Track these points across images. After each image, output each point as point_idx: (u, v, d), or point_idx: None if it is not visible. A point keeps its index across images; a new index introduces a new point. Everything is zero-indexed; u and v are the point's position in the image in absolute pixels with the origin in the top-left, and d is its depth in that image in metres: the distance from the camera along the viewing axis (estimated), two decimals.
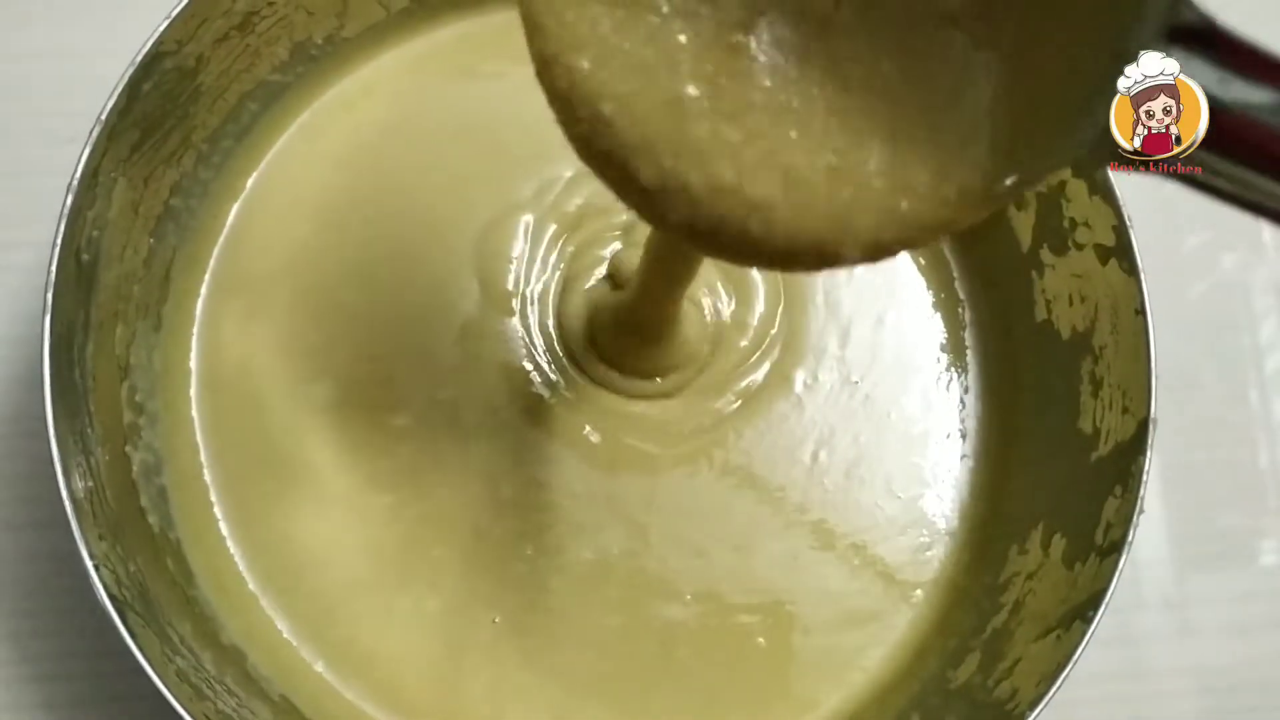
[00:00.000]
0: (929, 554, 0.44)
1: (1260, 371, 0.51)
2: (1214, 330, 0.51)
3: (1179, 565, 0.48)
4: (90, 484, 0.37)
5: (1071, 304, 0.42)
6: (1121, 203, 0.40)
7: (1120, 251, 0.40)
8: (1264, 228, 0.51)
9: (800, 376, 0.45)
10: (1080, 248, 0.41)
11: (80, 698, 0.44)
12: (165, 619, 0.38)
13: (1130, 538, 0.37)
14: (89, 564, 0.35)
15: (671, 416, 0.44)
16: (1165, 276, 0.50)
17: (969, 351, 0.46)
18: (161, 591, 0.39)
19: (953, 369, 0.46)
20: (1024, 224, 0.44)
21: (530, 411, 0.44)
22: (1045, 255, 0.43)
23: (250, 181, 0.44)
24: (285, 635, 0.41)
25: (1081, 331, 0.42)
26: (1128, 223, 0.39)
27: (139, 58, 0.38)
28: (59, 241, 0.36)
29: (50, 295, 0.36)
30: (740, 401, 0.44)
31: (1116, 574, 0.37)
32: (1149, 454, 0.38)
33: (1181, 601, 0.48)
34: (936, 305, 0.46)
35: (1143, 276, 0.39)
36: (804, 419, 0.44)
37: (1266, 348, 0.51)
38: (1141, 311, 0.39)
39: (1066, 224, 0.42)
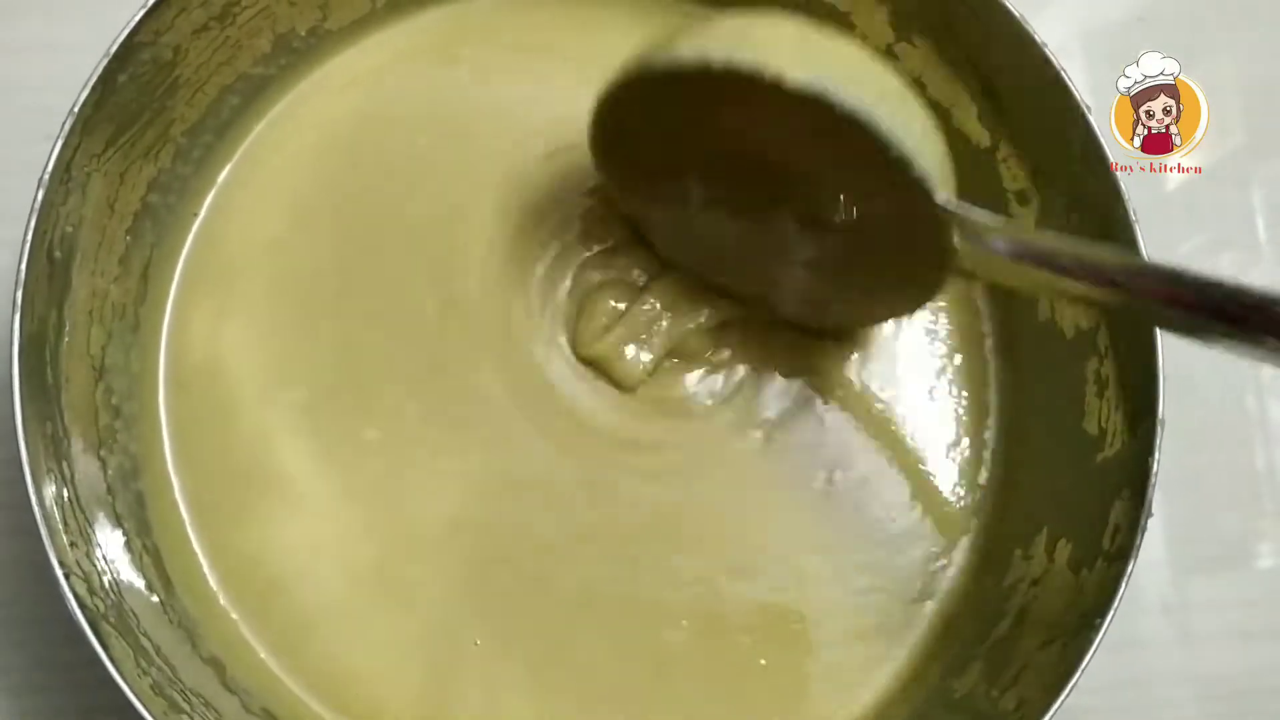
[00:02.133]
0: (938, 564, 0.43)
1: (1257, 374, 0.50)
2: None
3: (1176, 569, 0.48)
4: (63, 490, 0.36)
5: (1075, 302, 0.41)
6: (1126, 196, 0.39)
7: (1125, 246, 0.39)
8: (1260, 229, 0.51)
9: (820, 397, 0.44)
10: None
11: (56, 710, 0.43)
12: (141, 629, 0.37)
13: (1139, 542, 0.36)
14: (59, 573, 0.34)
15: (680, 454, 0.43)
16: None
17: (976, 352, 0.45)
18: (137, 601, 0.38)
19: (960, 371, 0.45)
20: (1026, 219, 0.43)
21: (512, 426, 0.42)
22: None
23: (231, 177, 0.43)
24: (261, 651, 0.40)
25: (1085, 330, 0.41)
26: (1132, 216, 0.38)
27: (113, 48, 0.37)
28: (29, 238, 0.35)
29: (20, 294, 0.35)
30: (761, 434, 0.43)
31: (1125, 579, 0.36)
32: (1157, 454, 0.37)
33: (1180, 605, 0.48)
34: (946, 305, 0.45)
35: None
36: (822, 440, 0.43)
37: None
38: None
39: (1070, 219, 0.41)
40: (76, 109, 0.36)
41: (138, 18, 0.37)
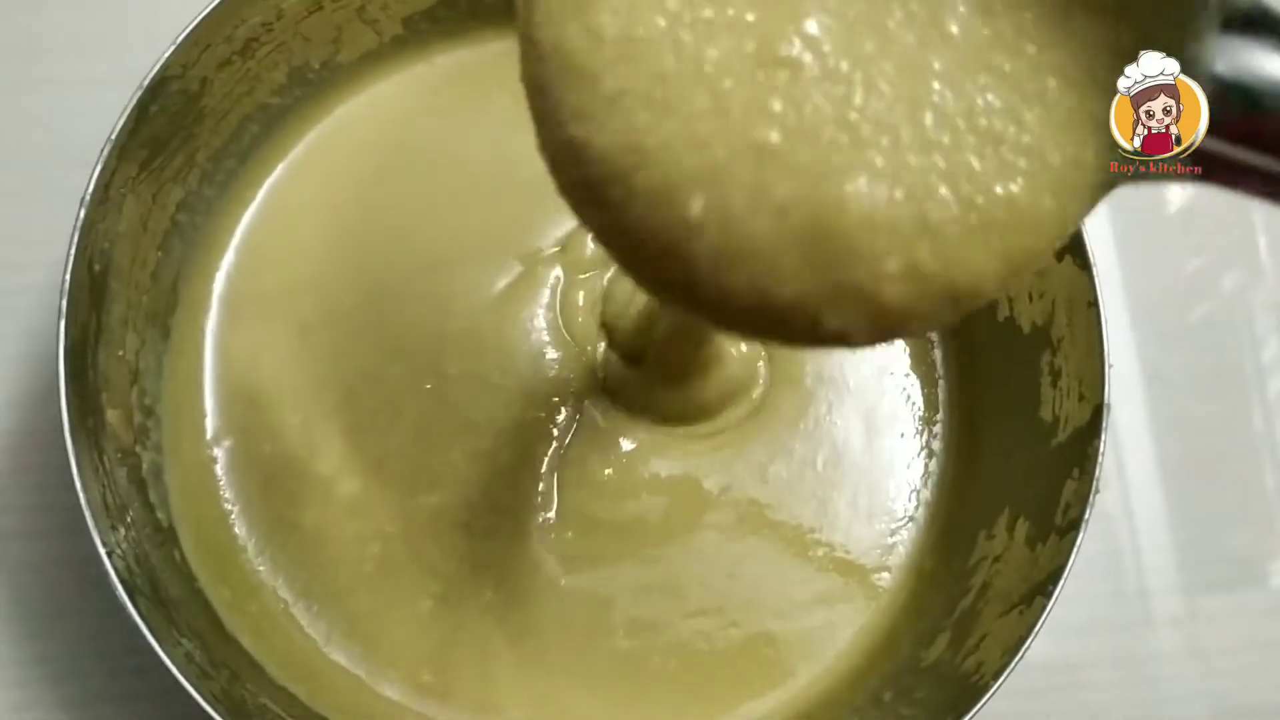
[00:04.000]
0: (895, 540, 0.45)
1: (1263, 393, 0.51)
2: (1216, 352, 0.51)
3: (1188, 590, 0.48)
4: (102, 478, 0.39)
5: (1031, 300, 0.44)
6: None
7: (1073, 249, 0.41)
8: (1263, 248, 0.51)
9: (790, 400, 0.46)
10: None
11: (95, 694, 0.45)
12: (174, 608, 0.39)
13: (1087, 516, 0.39)
14: (101, 551, 0.37)
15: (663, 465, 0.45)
16: (1166, 299, 0.49)
17: (935, 349, 0.47)
18: (170, 582, 0.40)
19: (920, 366, 0.47)
20: None
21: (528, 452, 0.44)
22: None
23: (253, 199, 0.46)
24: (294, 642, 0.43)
25: (1041, 326, 0.43)
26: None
27: (146, 81, 0.40)
28: (73, 253, 0.39)
29: (64, 302, 0.38)
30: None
31: (1075, 550, 0.38)
32: (1104, 436, 0.40)
33: (1192, 625, 0.48)
34: None
35: (1095, 270, 0.40)
36: (788, 436, 0.45)
37: (1269, 368, 0.51)
38: (1094, 304, 0.40)
39: None
40: (114, 136, 0.39)
41: (169, 53, 0.40)
